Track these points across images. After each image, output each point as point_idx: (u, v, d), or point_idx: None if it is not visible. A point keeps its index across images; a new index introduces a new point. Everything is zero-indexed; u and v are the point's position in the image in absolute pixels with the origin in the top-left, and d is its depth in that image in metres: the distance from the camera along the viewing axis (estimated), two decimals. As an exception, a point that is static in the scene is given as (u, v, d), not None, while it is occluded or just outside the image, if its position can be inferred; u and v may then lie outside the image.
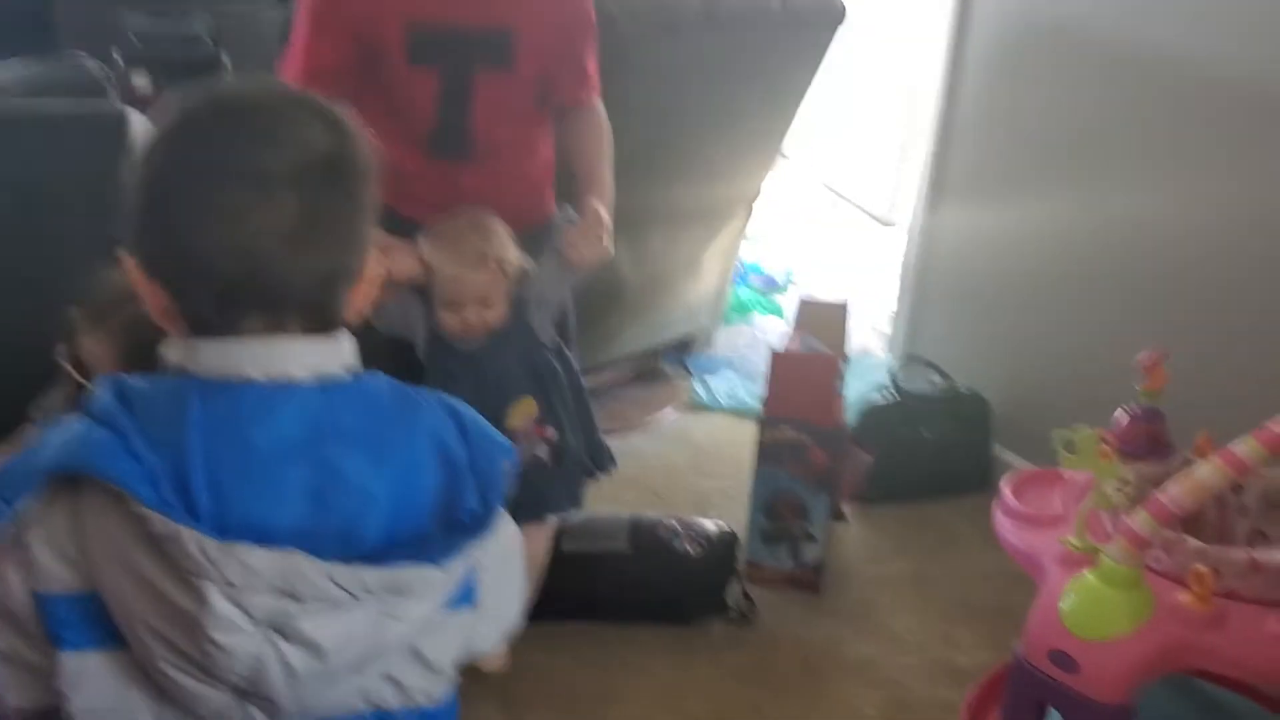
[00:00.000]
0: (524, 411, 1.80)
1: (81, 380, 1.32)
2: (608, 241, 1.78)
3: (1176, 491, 1.43)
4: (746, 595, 2.19)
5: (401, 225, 1.73)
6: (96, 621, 0.78)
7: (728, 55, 2.63)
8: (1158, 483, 1.58)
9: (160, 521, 0.74)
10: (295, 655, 0.77)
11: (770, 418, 2.23)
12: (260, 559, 0.75)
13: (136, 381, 0.80)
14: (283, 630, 0.76)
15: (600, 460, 1.98)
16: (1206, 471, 1.42)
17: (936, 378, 2.82)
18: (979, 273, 2.87)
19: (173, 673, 0.78)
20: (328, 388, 0.82)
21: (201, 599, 0.74)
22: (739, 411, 3.12)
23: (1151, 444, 1.82)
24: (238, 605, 0.75)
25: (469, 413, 0.91)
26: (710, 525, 2.21)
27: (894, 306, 3.18)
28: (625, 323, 3.03)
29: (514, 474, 0.93)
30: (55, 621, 0.78)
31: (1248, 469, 1.41)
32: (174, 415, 0.78)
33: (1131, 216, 2.39)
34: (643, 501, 2.61)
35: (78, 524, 0.78)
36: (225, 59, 5.40)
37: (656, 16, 2.45)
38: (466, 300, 1.71)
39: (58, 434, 0.78)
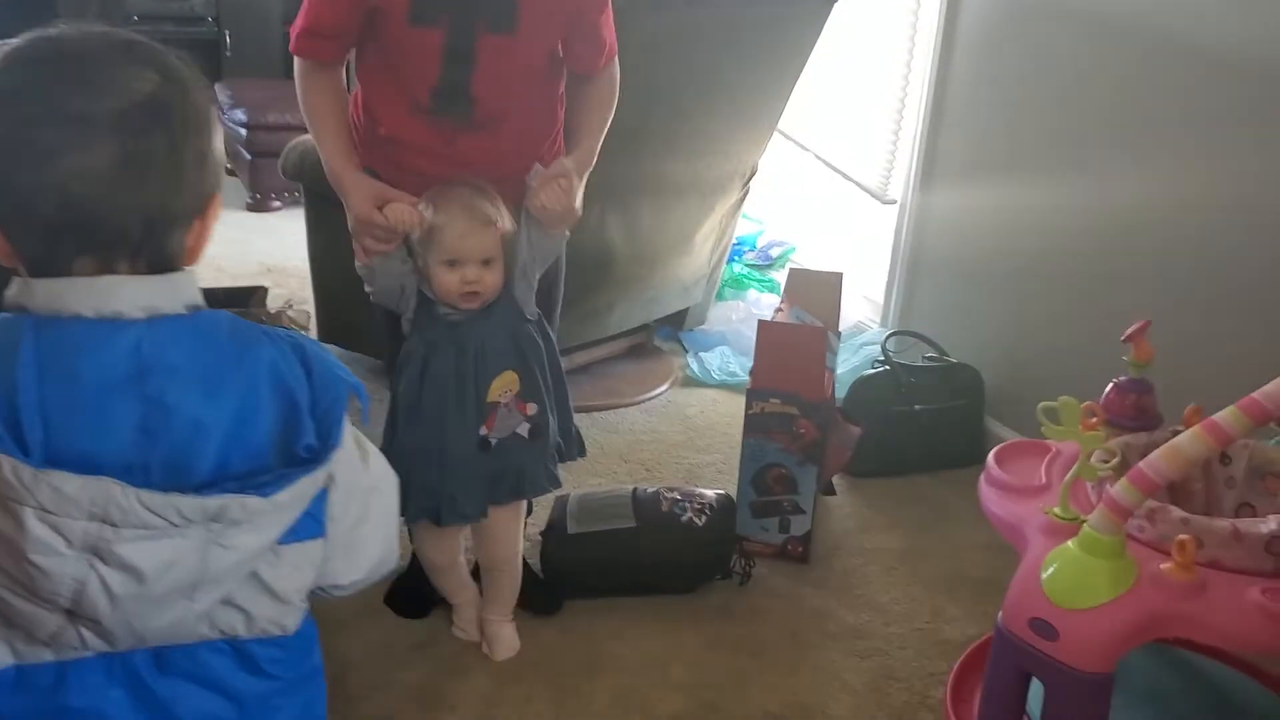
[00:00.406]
0: (505, 385, 1.78)
1: None
2: (576, 195, 1.74)
3: (1158, 461, 1.43)
4: (746, 556, 2.20)
5: None
6: None
7: (721, 29, 2.62)
8: (1145, 453, 1.58)
9: None
10: (115, 578, 0.81)
11: (758, 389, 2.23)
12: (72, 485, 0.78)
13: None
14: (101, 554, 0.79)
15: (569, 447, 1.94)
16: (1188, 441, 1.42)
17: (929, 351, 2.83)
18: (972, 248, 2.87)
19: (6, 595, 0.81)
20: (159, 324, 0.85)
21: (19, 523, 0.78)
22: (732, 386, 3.12)
23: (1139, 414, 1.82)
24: (54, 530, 0.78)
25: (314, 349, 0.94)
26: (709, 493, 2.23)
27: (887, 281, 3.18)
28: (618, 298, 3.03)
29: (360, 409, 0.96)
30: None
31: (1230, 438, 1.41)
32: (7, 349, 0.81)
33: (1122, 193, 2.39)
34: (634, 476, 2.62)
35: None
36: (227, 37, 5.42)
37: (650, -11, 2.44)
38: (470, 257, 1.69)
39: None
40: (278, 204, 4.63)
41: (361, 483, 0.98)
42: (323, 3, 1.73)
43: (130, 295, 0.85)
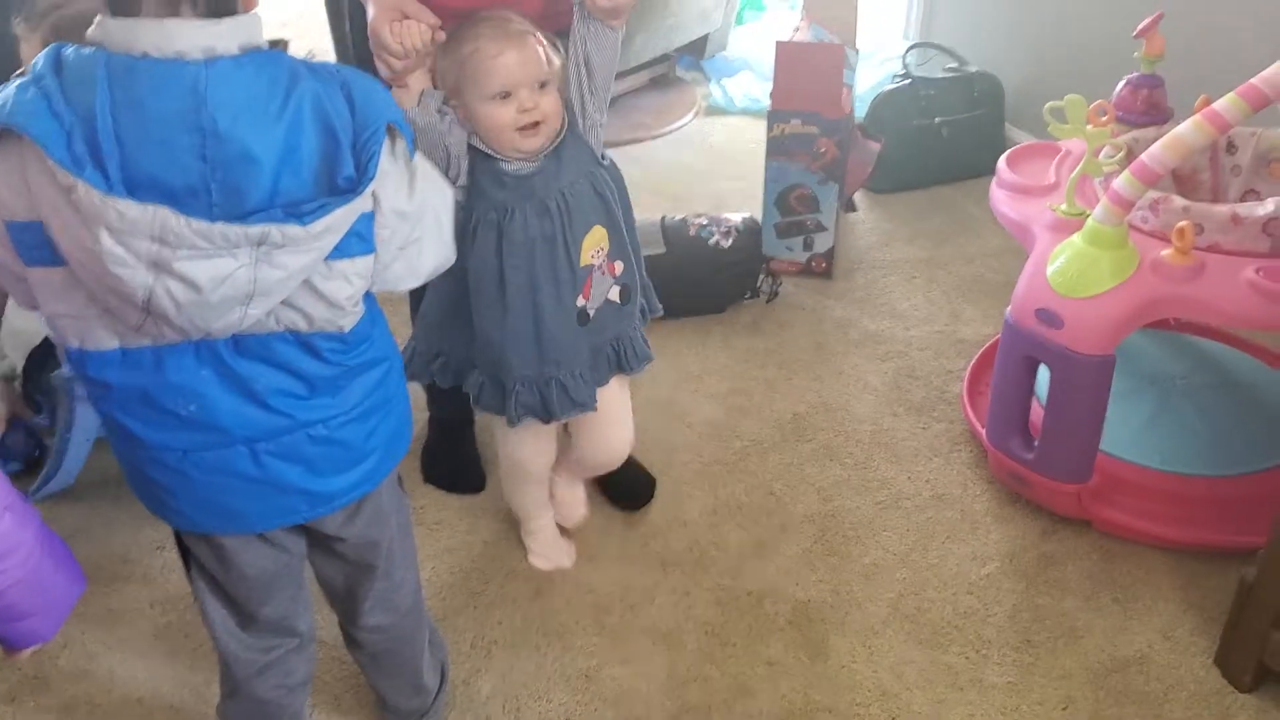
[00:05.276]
0: (596, 243, 1.48)
1: None
2: None
3: (1159, 151, 1.48)
4: (772, 275, 2.30)
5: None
6: (49, 244, 0.97)
7: None
8: (1153, 147, 1.63)
9: (63, 174, 0.91)
10: (176, 288, 0.96)
11: (778, 111, 2.26)
12: (134, 211, 0.92)
13: (70, 50, 0.95)
14: (163, 268, 0.95)
15: (650, 304, 1.66)
16: (1188, 129, 1.47)
17: (950, 62, 2.81)
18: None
19: (101, 292, 0.98)
20: (215, 64, 0.96)
21: (96, 238, 0.92)
22: (755, 113, 3.13)
23: (1150, 109, 1.85)
24: (124, 246, 0.93)
25: (360, 84, 1.03)
26: (735, 217, 2.31)
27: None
28: (636, 27, 3.00)
29: (406, 130, 1.06)
30: (18, 243, 0.98)
31: (1229, 124, 1.45)
32: (87, 82, 0.93)
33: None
34: (662, 209, 2.68)
35: (25, 166, 0.94)
36: None
37: None
38: (519, 82, 1.37)
39: (2, 93, 0.94)
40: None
41: (409, 205, 1.10)
42: None
43: (190, 37, 0.95)
